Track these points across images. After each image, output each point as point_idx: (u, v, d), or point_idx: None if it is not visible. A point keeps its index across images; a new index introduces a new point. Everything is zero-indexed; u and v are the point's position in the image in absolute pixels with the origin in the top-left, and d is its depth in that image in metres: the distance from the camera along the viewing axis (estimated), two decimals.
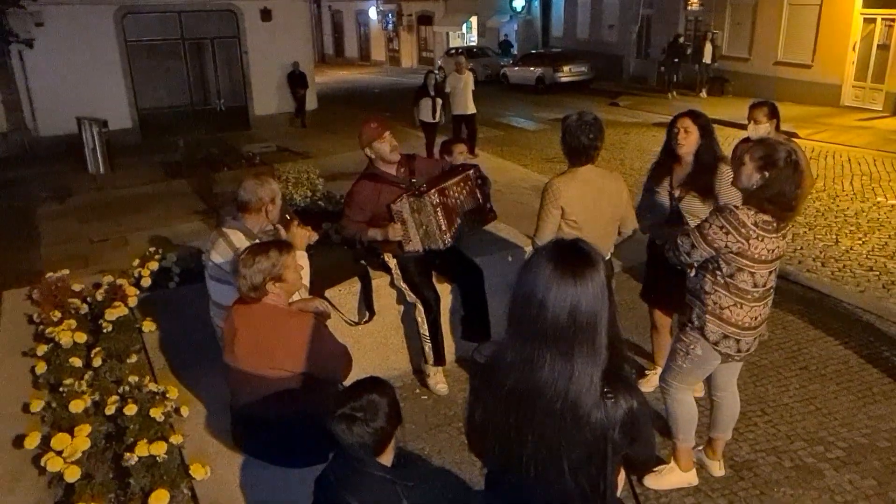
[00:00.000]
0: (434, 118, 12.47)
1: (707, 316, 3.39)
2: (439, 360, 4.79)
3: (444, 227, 4.62)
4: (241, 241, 3.44)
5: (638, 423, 1.87)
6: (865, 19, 16.40)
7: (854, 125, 14.98)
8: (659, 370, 4.69)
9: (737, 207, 3.23)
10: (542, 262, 1.78)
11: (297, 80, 17.82)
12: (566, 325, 1.73)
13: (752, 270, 3.27)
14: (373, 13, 39.05)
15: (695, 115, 4.10)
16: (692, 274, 3.48)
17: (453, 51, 29.79)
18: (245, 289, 2.85)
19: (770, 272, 3.33)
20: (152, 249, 4.89)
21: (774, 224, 3.22)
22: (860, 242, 7.96)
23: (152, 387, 3.37)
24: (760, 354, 5.20)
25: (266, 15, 17.52)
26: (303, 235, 3.65)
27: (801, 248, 7.79)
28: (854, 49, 16.72)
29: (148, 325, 4.13)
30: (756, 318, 3.38)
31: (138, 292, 4.42)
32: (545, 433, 1.81)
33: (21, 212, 11.21)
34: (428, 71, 13.44)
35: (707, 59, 19.67)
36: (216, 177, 11.57)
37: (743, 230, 3.18)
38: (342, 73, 34.80)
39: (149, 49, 16.80)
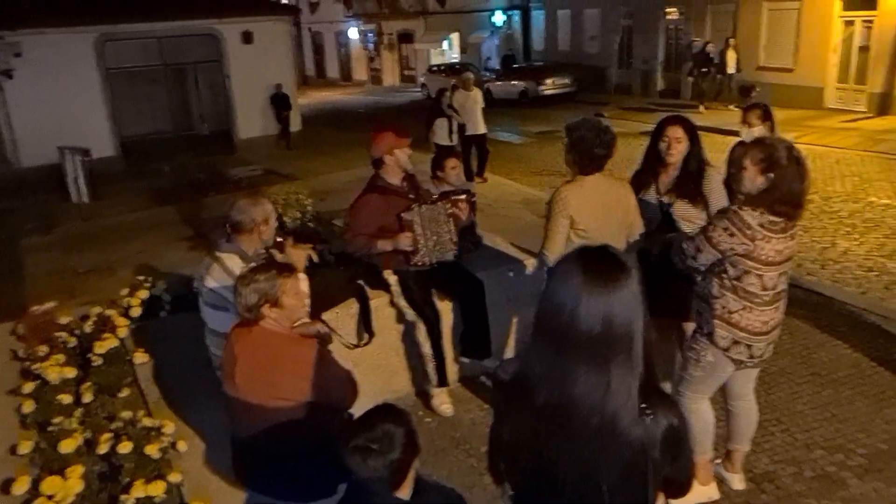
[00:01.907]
0: (451, 140, 11.10)
1: (715, 321, 3.28)
2: (443, 380, 4.65)
3: (455, 238, 4.53)
4: (236, 265, 3.30)
5: (679, 442, 1.75)
6: (845, 21, 16.52)
7: (840, 127, 15.02)
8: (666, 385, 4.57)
9: (741, 208, 3.13)
10: (571, 270, 1.66)
11: (280, 102, 17.74)
12: (600, 336, 1.61)
13: (760, 273, 3.17)
14: (353, 33, 39.07)
15: (684, 122, 4.01)
16: (700, 279, 3.38)
17: (435, 68, 29.81)
18: (241, 308, 2.71)
19: (780, 274, 3.23)
20: (141, 278, 4.73)
21: (782, 224, 3.12)
22: (857, 243, 7.90)
23: (147, 422, 3.20)
24: (770, 361, 5.07)
25: (247, 37, 17.45)
26: (300, 255, 3.50)
27: (800, 252, 7.69)
28: (835, 51, 16.82)
29: (140, 357, 3.95)
30: (767, 323, 3.27)
31: (128, 322, 4.25)
32: (581, 452, 1.68)
33: (3, 245, 10.98)
34: (440, 89, 12.28)
35: (731, 68, 18.24)
36: (204, 202, 11.43)
37: (748, 231, 3.08)
38: (324, 94, 34.73)
39: (130, 76, 16.68)
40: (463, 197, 4.73)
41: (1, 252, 10.60)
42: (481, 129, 11.60)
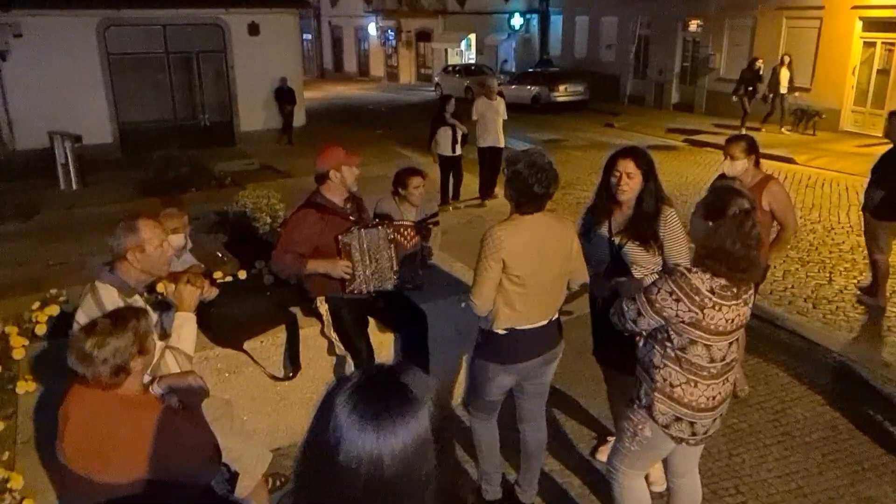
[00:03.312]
0: (455, 151, 10.22)
1: (655, 394, 2.85)
2: None
3: (395, 267, 4.14)
4: (112, 300, 2.89)
5: None
6: (865, 43, 15.92)
7: (852, 151, 14.44)
8: None
9: (689, 270, 2.69)
10: (339, 399, 1.26)
11: (284, 96, 17.36)
12: (363, 490, 1.21)
13: (708, 343, 2.73)
14: (372, 29, 38.72)
15: (637, 155, 3.56)
16: (640, 343, 2.95)
17: (450, 68, 29.39)
18: (106, 375, 2.30)
19: (730, 343, 2.80)
20: (53, 291, 4.33)
21: (734, 289, 2.68)
22: (855, 281, 7.39)
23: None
24: (739, 416, 4.65)
25: (253, 29, 17.10)
26: (191, 293, 3.07)
27: (792, 287, 7.23)
28: (854, 73, 16.22)
29: (24, 386, 3.57)
30: (714, 398, 2.84)
31: (26, 342, 3.86)
32: None
33: None
34: (444, 95, 11.32)
35: (784, 87, 16.29)
36: (183, 198, 11.09)
37: (696, 297, 2.64)
38: (339, 89, 34.39)
39: (132, 62, 16.33)
40: (408, 223, 4.33)
41: None
42: (501, 141, 10.36)
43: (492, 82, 10.80)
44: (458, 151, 10.28)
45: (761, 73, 16.52)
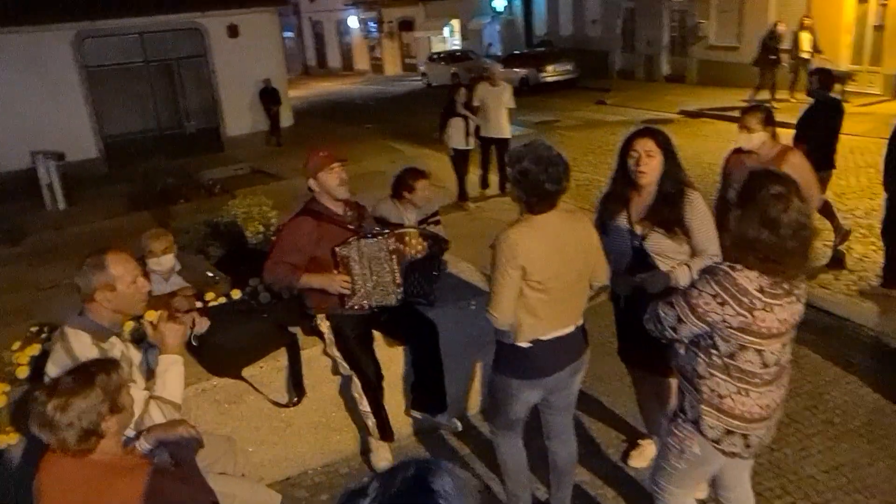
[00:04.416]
0: (468, 143, 9.56)
1: (702, 406, 2.54)
2: (385, 435, 3.94)
3: (398, 279, 3.83)
4: (84, 348, 2.56)
5: None
6: (859, 0, 15.54)
7: (853, 111, 13.99)
8: (654, 442, 3.85)
9: (732, 268, 2.37)
10: None
11: (269, 97, 16.96)
12: None
13: (760, 348, 2.42)
14: (353, 22, 38.16)
15: (655, 135, 3.27)
16: (681, 351, 2.64)
17: (435, 56, 28.93)
18: (73, 441, 1.99)
19: (784, 345, 2.49)
20: (34, 329, 4.00)
21: (784, 286, 2.37)
22: (874, 249, 7.08)
23: None
24: None
25: (233, 31, 16.67)
26: (175, 332, 2.73)
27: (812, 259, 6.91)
28: (848, 31, 15.82)
29: (5, 439, 3.26)
30: (768, 407, 2.54)
31: (7, 388, 3.55)
32: None
33: None
34: (454, 84, 10.37)
35: (806, 51, 14.73)
36: (172, 210, 10.76)
37: (745, 299, 2.33)
38: (325, 85, 33.91)
39: (111, 73, 15.89)
40: (411, 230, 4.01)
41: None
42: (504, 132, 9.58)
43: (495, 67, 10.03)
44: (472, 144, 9.67)
45: (781, 38, 15.02)
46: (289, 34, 38.73)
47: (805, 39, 14.80)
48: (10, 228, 11.34)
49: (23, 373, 3.68)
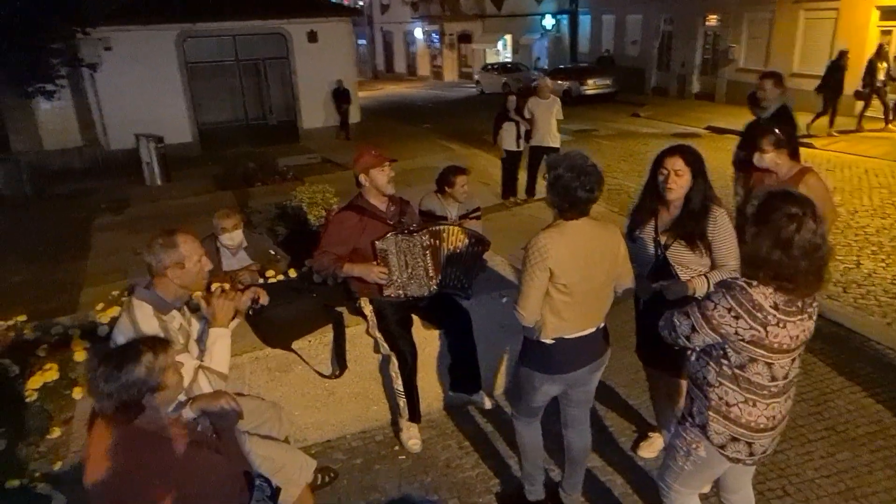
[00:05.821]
0: (519, 146, 9.35)
1: (710, 413, 2.32)
2: (414, 416, 3.80)
3: (431, 273, 3.67)
4: (146, 319, 2.48)
5: None
6: (882, 31, 14.66)
7: (870, 136, 13.34)
8: (662, 436, 3.63)
9: (749, 284, 2.14)
10: None
11: (341, 97, 16.96)
12: None
13: (770, 361, 2.19)
14: (419, 33, 37.96)
15: (685, 153, 3.01)
16: (693, 358, 2.42)
17: (489, 66, 28.53)
18: (111, 411, 1.90)
19: (793, 360, 2.25)
20: (115, 293, 3.97)
21: (798, 304, 2.14)
22: (883, 265, 6.64)
23: (42, 488, 2.45)
24: None
25: (312, 37, 16.70)
26: (225, 308, 2.63)
27: None
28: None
29: (80, 392, 3.22)
30: (773, 418, 2.30)
31: (88, 345, 3.52)
32: None
33: (81, 223, 10.59)
34: (507, 92, 10.06)
35: (882, 77, 13.03)
36: (250, 191, 10.80)
37: (759, 314, 2.10)
38: (391, 88, 33.84)
39: (207, 70, 16.13)
40: (453, 227, 3.82)
41: (76, 230, 10.23)
42: (555, 141, 9.15)
43: (545, 81, 9.64)
44: (523, 147, 9.39)
45: (843, 67, 13.32)
46: (362, 42, 38.80)
47: (882, 66, 13.19)
48: (115, 199, 11.57)
49: (104, 332, 3.65)
